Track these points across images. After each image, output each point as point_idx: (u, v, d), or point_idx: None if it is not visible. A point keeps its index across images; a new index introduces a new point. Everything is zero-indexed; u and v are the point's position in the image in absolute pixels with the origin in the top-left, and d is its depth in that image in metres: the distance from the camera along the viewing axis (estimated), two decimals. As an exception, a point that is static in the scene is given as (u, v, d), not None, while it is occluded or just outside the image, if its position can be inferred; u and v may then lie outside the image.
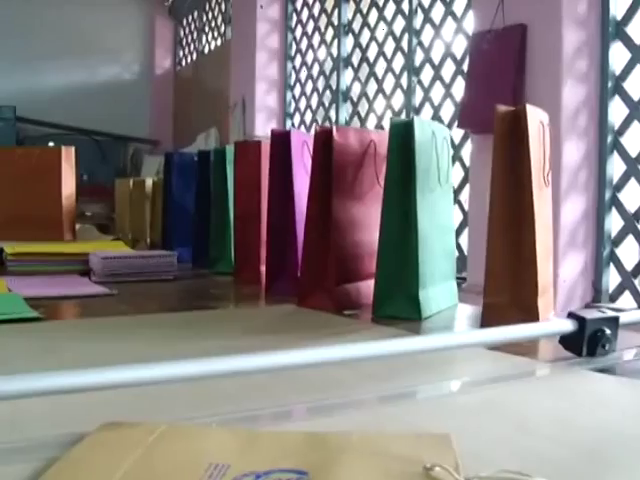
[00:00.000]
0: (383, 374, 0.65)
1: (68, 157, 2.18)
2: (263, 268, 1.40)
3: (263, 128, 4.27)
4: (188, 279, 1.51)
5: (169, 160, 1.85)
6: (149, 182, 2.17)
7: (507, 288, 0.92)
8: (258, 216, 1.39)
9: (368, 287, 1.14)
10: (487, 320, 0.92)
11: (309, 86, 4.39)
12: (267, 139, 1.28)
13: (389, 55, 3.54)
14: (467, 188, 2.81)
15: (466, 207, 2.86)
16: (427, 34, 3.24)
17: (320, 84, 4.24)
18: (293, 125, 4.50)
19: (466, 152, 2.90)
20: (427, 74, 3.22)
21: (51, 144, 5.30)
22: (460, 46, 2.99)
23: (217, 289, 1.40)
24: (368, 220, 1.14)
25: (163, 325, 0.97)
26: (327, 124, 4.04)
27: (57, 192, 2.14)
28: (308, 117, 4.40)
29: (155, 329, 0.94)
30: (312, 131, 1.10)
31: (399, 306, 1.01)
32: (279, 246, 1.25)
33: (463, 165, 2.98)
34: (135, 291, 1.30)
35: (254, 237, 1.40)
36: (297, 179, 1.24)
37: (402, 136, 1.00)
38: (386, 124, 3.46)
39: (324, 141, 1.07)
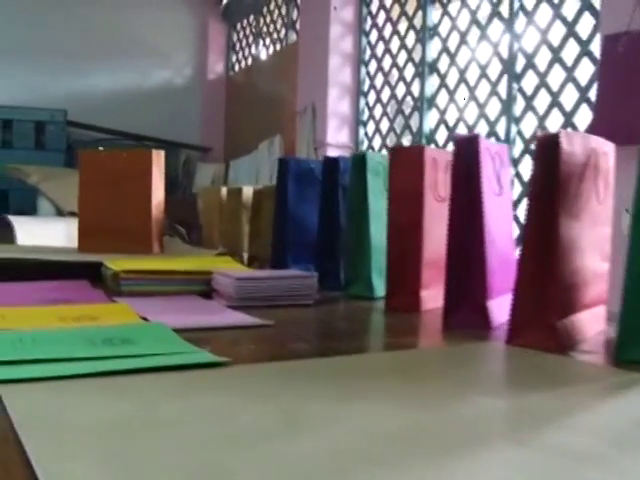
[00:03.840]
0: None
1: (158, 162, 2.02)
2: (423, 293, 1.22)
3: (334, 136, 4.08)
4: (327, 304, 1.31)
5: (284, 167, 1.67)
6: (248, 191, 1.99)
7: None
8: (418, 233, 1.21)
9: (580, 321, 0.97)
10: None
11: (385, 92, 4.19)
12: (340, 147, 1.10)
13: (483, 60, 3.34)
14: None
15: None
16: (529, 38, 3.04)
17: (399, 90, 4.04)
18: (366, 134, 4.30)
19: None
20: (529, 81, 3.02)
21: (101, 149, 5.17)
22: (571, 51, 2.78)
23: (377, 317, 1.21)
24: (582, 242, 0.96)
25: (379, 370, 0.79)
26: (407, 133, 3.85)
27: (147, 200, 1.97)
28: (384, 125, 4.20)
29: (377, 377, 0.76)
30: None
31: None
32: (461, 271, 1.07)
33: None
34: (283, 319, 1.11)
35: (413, 257, 1.21)
36: (486, 193, 1.06)
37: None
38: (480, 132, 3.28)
39: (547, 149, 0.89)
